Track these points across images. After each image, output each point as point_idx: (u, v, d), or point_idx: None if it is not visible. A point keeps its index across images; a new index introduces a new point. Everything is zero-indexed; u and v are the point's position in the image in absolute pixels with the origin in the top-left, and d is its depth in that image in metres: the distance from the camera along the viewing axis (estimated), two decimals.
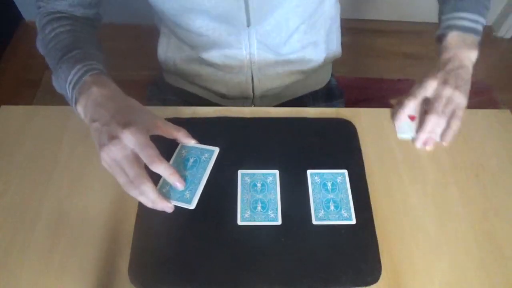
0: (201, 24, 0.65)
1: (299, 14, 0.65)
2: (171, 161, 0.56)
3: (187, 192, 0.53)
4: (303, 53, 0.75)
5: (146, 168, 0.49)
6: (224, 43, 0.69)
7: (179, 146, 0.58)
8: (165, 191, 0.54)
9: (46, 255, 0.54)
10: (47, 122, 0.67)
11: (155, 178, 0.52)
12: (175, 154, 0.57)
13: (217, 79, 0.78)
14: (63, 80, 0.55)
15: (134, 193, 0.49)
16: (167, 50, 0.79)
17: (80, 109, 0.53)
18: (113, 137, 0.47)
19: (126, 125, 0.47)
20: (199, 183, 0.54)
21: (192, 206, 0.52)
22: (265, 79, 0.77)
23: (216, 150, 0.57)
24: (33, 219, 0.57)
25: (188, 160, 0.56)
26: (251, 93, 0.80)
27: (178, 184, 0.51)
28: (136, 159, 0.48)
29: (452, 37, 0.63)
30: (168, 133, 0.54)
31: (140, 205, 0.57)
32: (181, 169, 0.55)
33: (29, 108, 0.69)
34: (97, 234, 0.56)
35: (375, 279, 0.53)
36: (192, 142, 0.56)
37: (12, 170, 0.61)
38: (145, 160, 0.48)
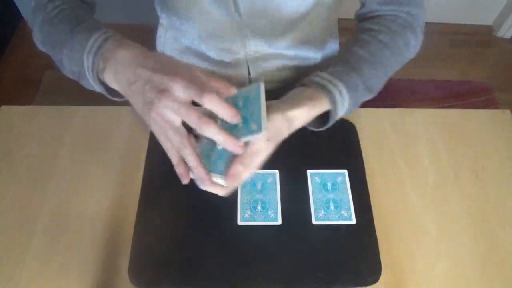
0: (193, 5, 0.64)
1: (292, 13, 0.65)
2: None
3: (252, 124, 0.46)
4: (299, 50, 0.75)
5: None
6: (218, 34, 0.69)
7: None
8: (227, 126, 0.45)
9: (46, 255, 0.54)
10: (47, 122, 0.67)
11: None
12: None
13: (214, 74, 0.78)
14: (78, 51, 0.50)
15: (188, 153, 0.43)
16: (164, 42, 0.79)
17: (109, 76, 0.48)
18: (161, 90, 0.42)
19: (174, 73, 0.43)
20: (260, 112, 0.46)
21: (264, 130, 0.44)
22: (261, 72, 0.77)
23: (261, 83, 0.49)
24: (33, 219, 0.57)
25: (237, 104, 0.48)
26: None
27: (235, 119, 0.44)
28: (193, 105, 0.43)
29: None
30: (210, 84, 0.47)
31: (140, 205, 0.57)
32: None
33: (29, 108, 0.69)
34: (97, 234, 0.56)
35: (375, 279, 0.53)
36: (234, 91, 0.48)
37: (12, 170, 0.61)
38: (204, 101, 0.42)
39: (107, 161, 0.62)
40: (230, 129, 0.45)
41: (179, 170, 0.46)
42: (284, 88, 0.83)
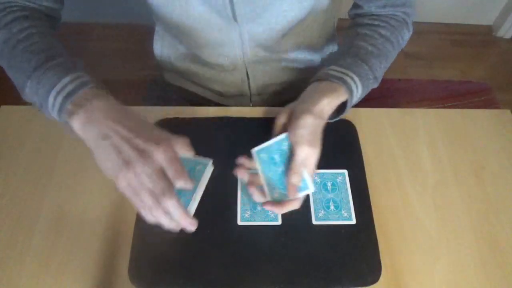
0: (191, 17, 0.64)
1: (289, 19, 0.65)
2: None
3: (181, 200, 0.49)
4: (297, 53, 0.75)
5: None
6: (216, 41, 0.69)
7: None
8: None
9: (46, 255, 0.54)
10: (47, 122, 0.66)
11: None
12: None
13: (212, 78, 0.78)
14: (45, 88, 0.49)
15: (158, 214, 0.45)
16: (162, 48, 0.79)
17: (77, 123, 0.47)
18: (142, 153, 0.43)
19: (156, 140, 0.44)
20: (193, 192, 0.50)
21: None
22: (260, 77, 0.77)
23: (210, 161, 0.53)
24: (33, 219, 0.57)
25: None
26: (248, 91, 0.80)
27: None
28: (164, 174, 0.45)
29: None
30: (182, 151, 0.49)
31: None
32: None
33: (29, 108, 0.69)
34: (97, 234, 0.56)
35: (375, 279, 0.53)
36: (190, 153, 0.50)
37: (12, 170, 0.61)
38: (173, 174, 0.44)
39: None
40: (277, 185, 0.53)
41: (171, 226, 0.47)
42: (285, 88, 0.83)
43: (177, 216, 0.45)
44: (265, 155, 0.54)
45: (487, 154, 0.66)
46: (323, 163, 0.62)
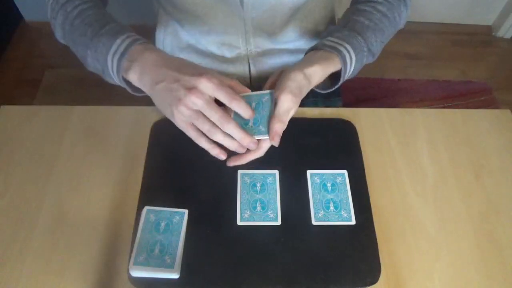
0: (197, 2, 0.64)
1: (293, 2, 0.65)
2: (139, 229, 0.53)
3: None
4: (300, 43, 0.75)
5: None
6: (220, 29, 0.69)
7: (144, 212, 0.55)
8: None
9: (46, 255, 0.54)
10: (47, 122, 0.67)
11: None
12: (142, 220, 0.54)
13: (214, 69, 0.78)
14: (103, 53, 0.54)
15: (219, 136, 0.49)
16: (164, 39, 0.79)
17: (134, 75, 0.52)
18: (190, 88, 0.47)
19: (200, 74, 0.48)
20: (177, 247, 0.53)
21: (176, 273, 0.51)
22: (262, 69, 0.77)
23: (186, 212, 0.56)
24: (33, 219, 0.57)
25: (159, 224, 0.54)
26: (249, 84, 0.80)
27: (251, 117, 0.51)
28: (215, 104, 0.48)
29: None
30: (230, 84, 0.53)
31: (140, 205, 0.57)
32: (153, 234, 0.53)
33: (29, 108, 0.69)
34: (97, 233, 0.56)
35: (374, 280, 0.53)
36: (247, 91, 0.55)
37: (12, 170, 0.61)
38: (224, 98, 0.48)
39: (107, 161, 0.62)
40: (241, 124, 0.52)
41: (215, 151, 0.51)
42: None
43: (238, 137, 0.49)
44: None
45: (487, 154, 0.66)
46: (323, 163, 0.62)
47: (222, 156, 0.51)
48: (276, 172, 0.61)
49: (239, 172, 0.60)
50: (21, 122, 0.67)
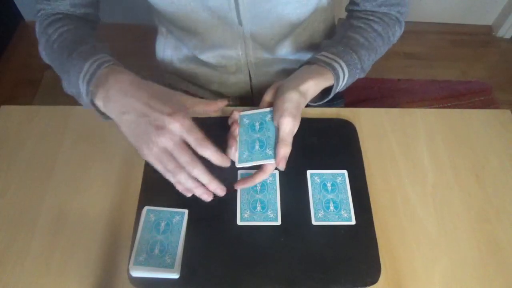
0: (195, 21, 0.65)
1: (293, 20, 0.65)
2: (139, 229, 0.54)
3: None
4: (299, 55, 0.75)
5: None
6: (219, 43, 0.69)
7: (144, 212, 0.55)
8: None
9: (46, 255, 0.54)
10: (47, 122, 0.67)
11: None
12: (142, 220, 0.55)
13: (214, 79, 0.79)
14: (75, 77, 0.52)
15: (182, 177, 0.48)
16: (164, 50, 0.79)
17: (99, 101, 0.50)
18: (159, 127, 0.46)
19: (170, 113, 0.46)
20: (177, 247, 0.52)
21: (176, 273, 0.51)
22: (263, 78, 0.77)
23: (186, 212, 0.56)
24: (33, 219, 0.57)
25: (159, 224, 0.54)
26: (250, 92, 0.80)
27: (225, 165, 0.50)
28: (185, 145, 0.47)
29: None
30: (199, 108, 0.53)
31: (140, 205, 0.57)
32: (153, 234, 0.53)
33: (29, 108, 0.69)
34: (97, 234, 0.56)
35: (375, 280, 0.53)
36: (224, 103, 0.55)
37: (12, 170, 0.61)
38: (193, 143, 0.47)
39: (107, 161, 0.62)
40: (247, 149, 0.53)
41: (199, 192, 0.50)
42: None
43: (206, 182, 0.49)
44: (247, 121, 0.57)
45: (487, 154, 0.66)
46: (323, 163, 0.62)
47: (208, 197, 0.50)
48: (276, 172, 0.61)
49: (239, 172, 0.60)
50: (21, 122, 0.67)
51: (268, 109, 0.56)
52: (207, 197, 0.50)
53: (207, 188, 0.50)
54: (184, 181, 0.48)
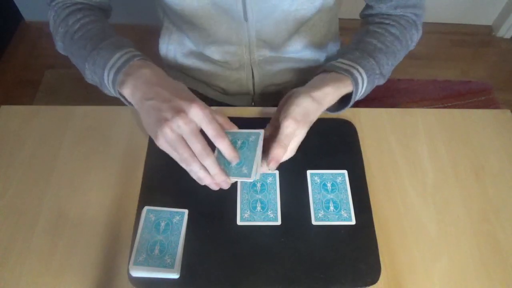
0: (201, 15, 0.65)
1: (298, 18, 0.65)
2: (139, 229, 0.54)
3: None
4: (303, 53, 0.75)
5: None
6: (224, 39, 0.69)
7: (144, 212, 0.56)
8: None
9: (46, 255, 0.54)
10: (47, 122, 0.67)
11: None
12: (142, 220, 0.55)
13: (217, 75, 0.79)
14: (100, 66, 0.54)
15: (194, 167, 0.48)
16: (168, 45, 0.79)
17: (127, 90, 0.52)
18: (179, 111, 0.47)
19: (192, 100, 0.48)
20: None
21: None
22: (265, 76, 0.77)
23: (186, 212, 0.56)
24: (33, 219, 0.57)
25: (159, 224, 0.55)
26: (252, 90, 0.80)
27: (235, 161, 0.51)
28: (200, 133, 0.48)
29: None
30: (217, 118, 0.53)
31: (140, 205, 0.57)
32: (153, 234, 0.54)
33: (29, 108, 0.69)
34: (97, 234, 0.56)
35: (374, 280, 0.53)
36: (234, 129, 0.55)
37: (12, 170, 0.61)
38: (211, 133, 0.48)
39: (107, 161, 0.62)
40: (223, 163, 0.51)
41: (208, 181, 0.50)
42: (289, 88, 0.83)
43: (213, 172, 0.49)
44: (230, 138, 0.53)
45: (487, 154, 0.66)
46: (323, 163, 0.62)
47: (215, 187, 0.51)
48: (276, 172, 0.61)
49: None
50: (21, 122, 0.67)
51: (257, 130, 0.54)
52: (215, 187, 0.51)
53: (214, 179, 0.50)
54: (197, 170, 0.48)
